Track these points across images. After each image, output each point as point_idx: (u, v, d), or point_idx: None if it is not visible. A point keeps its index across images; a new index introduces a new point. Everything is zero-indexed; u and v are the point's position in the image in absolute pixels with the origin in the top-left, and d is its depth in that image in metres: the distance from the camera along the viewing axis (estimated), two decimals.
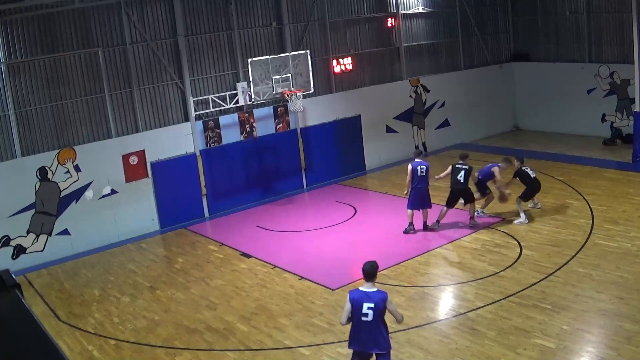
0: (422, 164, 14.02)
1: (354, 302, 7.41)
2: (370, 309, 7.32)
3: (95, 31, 15.55)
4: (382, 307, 7.35)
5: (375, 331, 7.38)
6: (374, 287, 7.47)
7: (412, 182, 13.96)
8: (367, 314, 7.32)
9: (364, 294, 7.41)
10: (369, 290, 7.42)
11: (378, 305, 7.33)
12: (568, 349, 8.76)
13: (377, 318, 7.33)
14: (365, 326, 7.37)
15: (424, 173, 13.94)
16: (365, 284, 7.50)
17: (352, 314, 7.42)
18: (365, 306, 7.34)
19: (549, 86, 22.82)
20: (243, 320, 10.83)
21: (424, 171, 13.94)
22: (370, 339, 7.39)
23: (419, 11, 21.91)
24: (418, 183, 13.92)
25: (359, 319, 7.38)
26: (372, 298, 7.36)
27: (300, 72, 16.96)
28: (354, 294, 7.48)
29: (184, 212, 16.94)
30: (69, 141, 15.43)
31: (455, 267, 12.32)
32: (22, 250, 14.71)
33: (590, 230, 13.18)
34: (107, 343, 10.53)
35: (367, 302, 7.34)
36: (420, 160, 14.17)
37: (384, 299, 7.38)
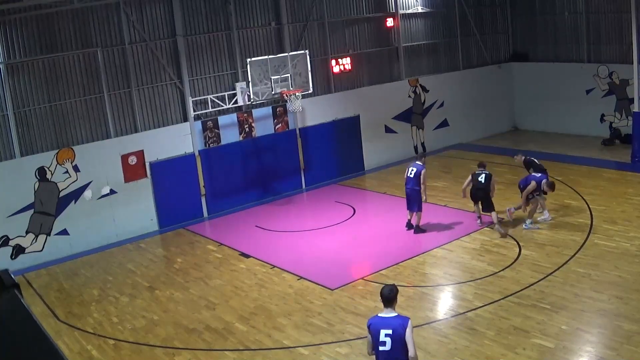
0: (414, 166, 14.06)
1: (372, 328, 6.71)
2: (387, 336, 6.56)
3: (94, 31, 15.55)
4: (401, 334, 6.51)
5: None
6: (393, 313, 6.71)
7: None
8: (384, 342, 6.57)
9: (382, 320, 6.68)
10: (387, 316, 6.69)
11: (397, 331, 6.51)
12: (567, 349, 8.76)
13: (397, 346, 6.50)
14: (382, 356, 6.62)
15: (411, 175, 13.95)
16: (384, 309, 6.77)
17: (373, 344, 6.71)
18: (383, 333, 6.59)
19: (548, 86, 22.83)
20: (242, 320, 10.83)
21: (412, 173, 13.94)
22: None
23: (418, 11, 21.92)
24: (406, 184, 14.07)
25: (377, 348, 6.64)
26: (391, 324, 6.59)
27: (299, 72, 16.95)
28: (372, 320, 6.82)
29: (183, 212, 16.94)
30: (67, 141, 15.43)
31: (454, 267, 12.32)
32: (21, 250, 14.70)
33: (589, 231, 13.19)
34: (106, 343, 10.53)
35: (384, 329, 6.58)
36: (415, 163, 14.22)
37: (404, 325, 6.56)
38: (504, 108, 24.30)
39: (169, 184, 16.70)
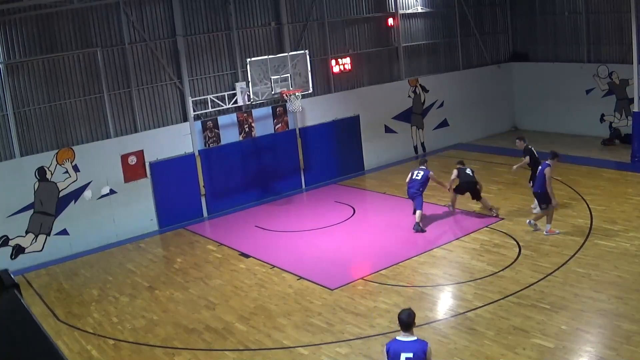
0: (419, 171, 14.60)
1: (391, 352, 6.78)
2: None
3: (94, 31, 15.55)
4: (422, 358, 6.66)
5: None
6: (412, 337, 6.82)
7: None
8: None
9: (402, 344, 6.78)
10: (406, 340, 6.79)
11: (417, 355, 6.63)
12: (567, 349, 8.76)
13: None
14: None
15: (417, 177, 14.48)
16: (402, 333, 6.87)
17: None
18: (403, 357, 6.68)
19: (548, 86, 22.83)
20: (242, 320, 10.83)
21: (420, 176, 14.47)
22: None
23: (417, 11, 21.92)
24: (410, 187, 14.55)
25: None
26: (411, 348, 6.70)
27: (299, 72, 16.95)
28: (391, 344, 6.89)
29: (183, 212, 16.94)
30: (67, 141, 15.43)
31: (454, 267, 12.32)
32: (20, 250, 14.70)
33: (589, 231, 13.19)
34: (106, 343, 10.53)
35: (405, 353, 6.69)
36: (420, 168, 14.73)
37: (424, 349, 6.70)
38: (504, 108, 24.30)
39: (168, 184, 16.70)
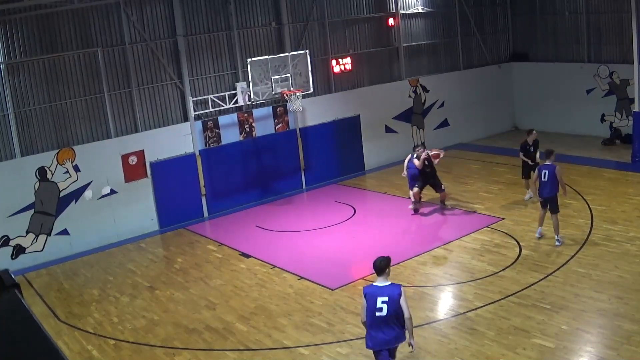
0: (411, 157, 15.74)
1: (368, 296, 7.45)
2: (384, 303, 7.32)
3: (95, 31, 15.55)
4: (396, 300, 7.32)
5: (389, 327, 7.39)
6: (387, 281, 7.48)
7: None
8: (381, 308, 7.33)
9: (378, 288, 7.44)
10: (382, 285, 7.45)
11: (392, 298, 7.32)
12: (567, 349, 8.76)
13: (392, 312, 7.32)
14: (380, 322, 7.38)
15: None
16: (378, 279, 7.53)
17: (367, 310, 7.44)
18: (380, 300, 7.34)
19: (548, 86, 22.82)
20: (242, 320, 10.84)
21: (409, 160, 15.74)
22: (385, 337, 7.41)
23: (418, 11, 21.91)
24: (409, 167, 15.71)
25: (374, 314, 7.38)
26: (386, 291, 7.36)
27: (299, 72, 16.96)
28: (368, 288, 7.59)
29: (183, 212, 16.94)
30: (68, 141, 15.43)
31: (454, 267, 12.32)
32: (21, 250, 14.70)
33: (589, 230, 13.19)
34: (106, 343, 10.54)
35: (381, 296, 7.35)
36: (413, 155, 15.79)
37: (399, 292, 7.36)
38: (504, 108, 24.29)
39: (169, 184, 16.70)
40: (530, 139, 15.53)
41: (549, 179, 12.29)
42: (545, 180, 12.32)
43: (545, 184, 12.36)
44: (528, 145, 15.50)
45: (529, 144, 15.50)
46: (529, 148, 15.48)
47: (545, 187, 12.40)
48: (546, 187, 12.38)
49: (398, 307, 7.33)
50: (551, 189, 12.37)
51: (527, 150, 15.46)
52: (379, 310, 7.34)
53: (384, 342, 7.46)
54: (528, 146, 15.49)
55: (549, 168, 12.39)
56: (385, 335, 7.40)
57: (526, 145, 15.51)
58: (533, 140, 15.49)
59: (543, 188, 12.45)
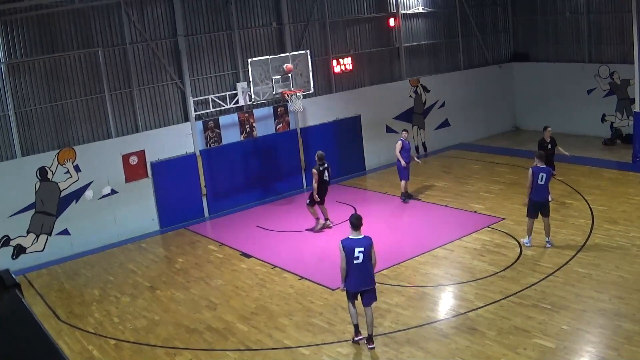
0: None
1: (347, 248, 8.96)
2: (360, 253, 8.90)
3: (95, 31, 15.55)
4: (369, 250, 8.96)
5: (364, 271, 9.02)
6: (360, 235, 9.03)
7: None
8: (358, 257, 8.91)
9: (355, 241, 8.99)
10: (357, 237, 9.00)
11: (366, 248, 8.93)
12: (568, 349, 8.76)
13: (366, 259, 8.94)
14: (356, 268, 8.96)
15: None
16: (353, 233, 9.05)
17: (346, 260, 8.94)
18: (357, 250, 8.91)
19: (549, 86, 22.82)
20: (243, 320, 10.83)
21: None
22: (361, 279, 9.05)
23: (419, 11, 21.91)
24: None
25: (352, 262, 8.94)
26: (361, 243, 8.94)
27: (300, 72, 16.95)
28: (346, 241, 9.04)
29: (184, 212, 16.94)
30: (68, 141, 15.44)
31: (455, 267, 12.31)
32: (22, 250, 14.71)
33: (590, 230, 13.18)
34: (107, 343, 10.54)
35: (357, 247, 8.92)
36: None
37: (371, 243, 9.01)
38: (505, 108, 24.29)
39: (170, 184, 16.71)
40: (546, 135, 15.30)
41: (545, 182, 12.21)
42: (542, 184, 12.20)
43: (542, 187, 12.24)
44: (545, 142, 15.26)
45: (546, 141, 15.28)
46: (546, 145, 15.17)
47: (543, 191, 12.27)
48: (544, 190, 12.27)
49: (370, 255, 8.98)
50: (547, 192, 12.34)
51: (545, 147, 14.99)
52: (356, 259, 8.92)
53: (361, 284, 9.08)
54: (545, 143, 15.23)
55: (546, 171, 12.29)
56: (362, 279, 9.04)
57: (543, 143, 15.23)
58: (550, 137, 15.27)
59: (541, 191, 12.26)
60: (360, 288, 9.12)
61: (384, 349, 9.30)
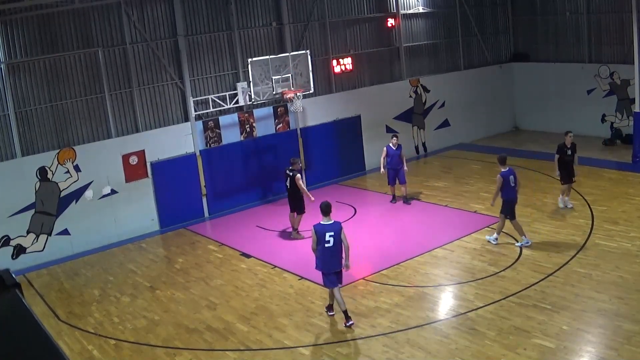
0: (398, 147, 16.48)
1: (319, 233, 9.86)
2: (331, 237, 9.80)
3: (95, 31, 15.55)
4: (339, 234, 9.83)
5: (335, 254, 9.88)
6: (331, 220, 9.97)
7: None
8: (329, 240, 9.80)
9: (325, 226, 9.91)
10: (328, 223, 9.94)
11: (337, 232, 9.83)
12: (568, 349, 8.76)
13: (336, 243, 9.81)
14: (328, 251, 9.83)
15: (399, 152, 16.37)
16: (324, 218, 9.97)
17: (317, 244, 9.83)
18: (327, 235, 9.81)
19: (549, 86, 22.82)
20: (243, 320, 10.83)
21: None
22: (332, 261, 9.92)
23: (419, 11, 21.91)
24: None
25: (323, 246, 9.81)
26: (332, 228, 9.86)
27: (300, 72, 16.95)
28: (318, 226, 9.94)
29: (184, 212, 16.94)
30: (68, 141, 15.43)
31: (455, 267, 12.31)
32: (22, 250, 14.71)
33: (590, 231, 13.18)
34: (107, 343, 10.54)
35: (328, 232, 9.83)
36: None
37: (340, 227, 9.91)
38: (505, 108, 24.29)
39: (170, 184, 16.70)
40: (567, 140, 14.42)
41: (515, 184, 12.73)
42: (514, 186, 12.70)
43: (514, 189, 12.72)
44: (566, 147, 14.40)
45: (567, 146, 14.41)
46: (566, 151, 14.40)
47: (515, 192, 12.74)
48: (514, 192, 12.73)
49: (340, 239, 9.81)
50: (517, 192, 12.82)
51: (565, 153, 14.38)
52: (327, 242, 9.79)
53: (332, 265, 9.93)
54: (566, 149, 14.40)
55: (512, 172, 12.83)
56: (333, 261, 9.90)
57: (564, 148, 14.40)
58: (571, 142, 14.44)
59: (513, 192, 12.72)
60: (332, 269, 9.94)
61: (384, 349, 9.30)
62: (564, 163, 14.39)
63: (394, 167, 16.27)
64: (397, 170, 16.28)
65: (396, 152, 16.31)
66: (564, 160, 14.38)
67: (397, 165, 16.25)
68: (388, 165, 16.35)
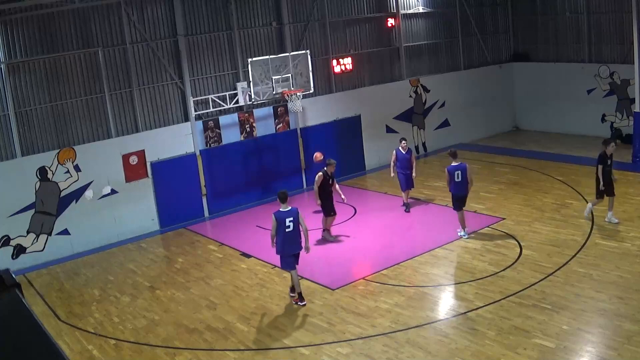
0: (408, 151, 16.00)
1: (279, 219, 10.67)
2: (290, 222, 10.67)
3: (95, 31, 15.55)
4: (297, 219, 10.71)
5: (294, 237, 10.77)
6: (289, 207, 10.80)
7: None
8: (289, 226, 10.67)
9: (285, 212, 10.73)
10: (286, 209, 10.76)
11: (295, 217, 10.72)
12: (568, 349, 8.76)
13: (295, 227, 10.73)
14: (288, 235, 10.69)
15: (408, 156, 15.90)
16: (282, 206, 10.77)
17: (278, 229, 10.63)
18: (287, 220, 10.66)
19: (549, 86, 22.82)
20: (243, 320, 10.84)
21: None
22: (292, 244, 10.81)
23: (419, 11, 21.91)
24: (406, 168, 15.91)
25: (284, 231, 10.64)
26: (290, 214, 10.71)
27: (300, 72, 16.96)
28: (278, 213, 10.72)
29: (184, 212, 16.95)
30: (68, 141, 15.44)
31: (455, 267, 12.31)
32: (22, 250, 14.71)
33: (590, 230, 13.18)
34: (107, 343, 10.54)
35: (287, 217, 10.68)
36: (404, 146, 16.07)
37: (298, 213, 10.79)
38: (505, 108, 24.30)
39: (170, 183, 16.71)
40: (609, 150, 13.35)
41: (462, 178, 13.36)
42: (459, 180, 13.37)
43: (460, 183, 13.40)
44: (607, 157, 13.37)
45: (608, 155, 13.38)
46: (607, 161, 13.36)
47: (462, 186, 13.43)
48: (463, 185, 13.43)
49: (299, 224, 10.71)
50: (466, 187, 13.50)
51: (606, 162, 13.32)
52: (287, 228, 10.63)
53: (292, 248, 10.80)
54: (607, 158, 13.37)
55: (461, 167, 13.38)
56: (293, 244, 10.79)
57: (606, 158, 13.35)
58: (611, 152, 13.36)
59: (460, 187, 13.43)
60: (293, 251, 10.84)
61: (384, 348, 9.30)
62: (603, 174, 13.33)
63: (404, 171, 15.77)
64: (408, 174, 15.79)
65: (405, 156, 15.80)
66: (604, 171, 13.33)
67: (407, 170, 15.77)
68: (398, 169, 15.89)
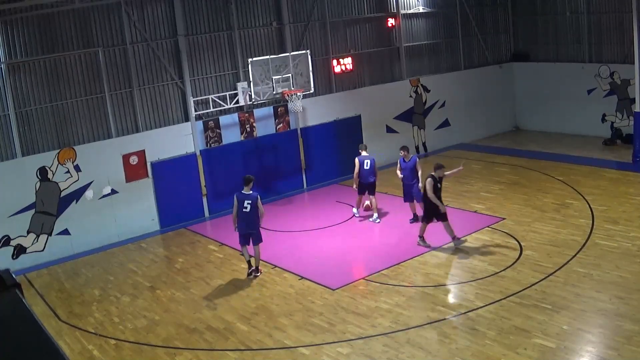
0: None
1: (239, 200, 12.16)
2: (248, 204, 12.08)
3: (95, 31, 15.55)
4: (256, 202, 12.10)
5: (251, 218, 12.19)
6: (250, 191, 12.24)
7: None
8: (246, 207, 12.09)
9: (245, 195, 12.19)
10: (247, 193, 12.21)
11: (253, 201, 12.11)
12: (568, 349, 8.76)
13: (252, 210, 12.10)
14: (244, 216, 12.15)
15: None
16: (244, 188, 12.22)
17: (238, 209, 12.09)
18: (245, 202, 12.09)
19: (549, 86, 22.82)
20: (243, 320, 10.84)
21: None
22: (248, 224, 12.25)
23: (419, 11, 21.91)
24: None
25: (242, 211, 12.11)
26: (250, 197, 12.14)
27: (300, 72, 16.95)
28: (239, 195, 12.22)
29: (184, 212, 16.94)
30: (69, 141, 15.44)
31: (455, 267, 12.32)
32: (22, 250, 14.70)
33: (590, 230, 13.18)
34: (107, 343, 10.54)
35: (246, 200, 12.11)
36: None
37: (257, 197, 12.20)
38: (505, 108, 24.29)
39: (170, 183, 16.70)
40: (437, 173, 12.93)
41: (371, 167, 15.03)
42: (367, 169, 15.03)
43: (367, 172, 15.06)
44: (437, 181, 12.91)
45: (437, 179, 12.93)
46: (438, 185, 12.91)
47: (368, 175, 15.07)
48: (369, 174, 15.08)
49: (257, 207, 12.10)
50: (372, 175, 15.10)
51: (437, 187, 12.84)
52: (245, 209, 12.09)
53: (246, 228, 12.24)
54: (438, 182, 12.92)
55: (369, 158, 15.09)
56: (248, 224, 12.23)
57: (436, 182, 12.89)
58: None
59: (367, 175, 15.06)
60: (246, 231, 12.22)
61: (384, 348, 9.31)
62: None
63: (408, 181, 14.69)
64: (411, 185, 14.66)
65: (407, 165, 14.74)
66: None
67: (410, 180, 14.65)
68: (402, 180, 14.84)
